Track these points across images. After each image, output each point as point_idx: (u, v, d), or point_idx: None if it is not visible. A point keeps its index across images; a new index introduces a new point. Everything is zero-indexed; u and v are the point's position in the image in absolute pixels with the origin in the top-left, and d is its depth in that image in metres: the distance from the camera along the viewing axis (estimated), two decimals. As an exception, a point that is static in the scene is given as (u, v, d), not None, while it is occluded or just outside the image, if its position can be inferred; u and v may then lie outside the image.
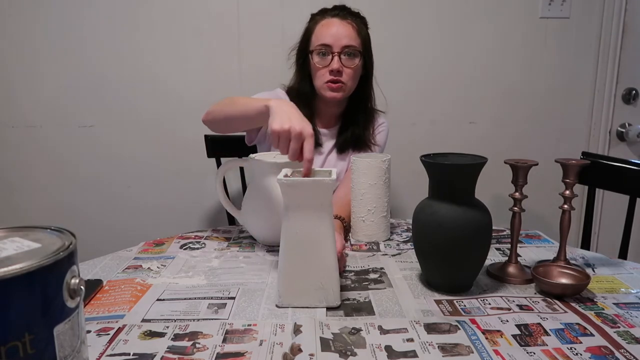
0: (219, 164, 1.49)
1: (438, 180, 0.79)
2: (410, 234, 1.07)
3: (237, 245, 1.05)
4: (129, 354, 0.62)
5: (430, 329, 0.68)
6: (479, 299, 0.78)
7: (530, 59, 1.76)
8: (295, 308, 0.75)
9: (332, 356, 0.61)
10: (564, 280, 0.81)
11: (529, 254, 0.99)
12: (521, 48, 1.75)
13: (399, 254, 0.99)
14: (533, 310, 0.74)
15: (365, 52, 1.24)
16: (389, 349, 0.63)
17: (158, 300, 0.78)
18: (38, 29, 1.58)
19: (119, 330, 0.68)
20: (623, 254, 1.21)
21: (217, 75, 1.67)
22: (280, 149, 0.83)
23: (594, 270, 0.91)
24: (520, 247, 1.01)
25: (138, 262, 0.94)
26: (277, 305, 0.76)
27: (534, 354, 0.62)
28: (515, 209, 0.87)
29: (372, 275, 0.88)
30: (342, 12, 1.23)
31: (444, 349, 0.63)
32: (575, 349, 0.63)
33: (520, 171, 0.85)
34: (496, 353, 0.62)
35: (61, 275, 0.40)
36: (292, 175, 0.78)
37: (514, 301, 0.77)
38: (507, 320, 0.71)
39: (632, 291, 0.81)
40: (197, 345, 0.64)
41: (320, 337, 0.65)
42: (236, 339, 0.66)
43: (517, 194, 0.86)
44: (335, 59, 1.18)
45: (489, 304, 0.76)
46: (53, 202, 1.71)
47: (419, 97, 1.76)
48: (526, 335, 0.66)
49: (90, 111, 1.66)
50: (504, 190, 1.02)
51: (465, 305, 0.76)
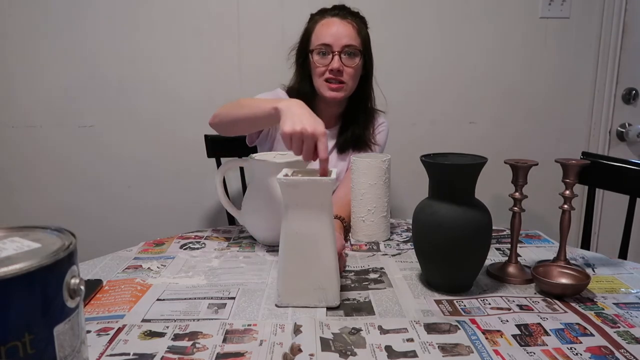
0: (219, 164, 1.49)
1: (438, 180, 0.79)
2: (410, 234, 1.07)
3: (237, 245, 1.05)
4: (129, 354, 0.62)
5: (430, 329, 0.68)
6: (479, 299, 0.78)
7: (530, 59, 1.76)
8: (296, 308, 0.75)
9: (332, 356, 0.61)
10: (564, 280, 0.81)
11: (529, 254, 0.99)
12: (521, 48, 1.75)
13: (399, 254, 0.99)
14: (533, 310, 0.74)
15: (365, 52, 1.23)
16: (389, 349, 0.63)
17: (158, 300, 0.78)
18: (38, 29, 1.58)
19: (119, 330, 0.68)
20: (623, 254, 1.21)
21: (217, 75, 1.67)
22: (294, 151, 0.82)
23: (594, 270, 0.91)
24: (520, 247, 1.01)
25: (138, 262, 0.94)
26: (277, 305, 0.76)
27: (534, 354, 0.62)
28: (515, 209, 0.87)
29: (372, 275, 0.88)
30: (342, 12, 1.23)
31: (444, 349, 0.63)
32: (575, 349, 0.63)
33: (520, 171, 0.85)
34: (496, 353, 0.62)
35: (61, 275, 0.40)
36: (292, 175, 0.78)
37: (514, 301, 0.77)
38: (507, 320, 0.71)
39: (632, 291, 0.81)
40: (197, 345, 0.64)
41: (320, 337, 0.65)
42: (236, 339, 0.66)
43: (517, 194, 0.86)
44: (336, 58, 1.18)
45: (489, 304, 0.76)
46: (53, 202, 1.71)
47: (419, 97, 1.76)
48: (526, 335, 0.66)
49: (90, 111, 1.66)
50: (504, 190, 1.02)
51: (465, 305, 0.76)
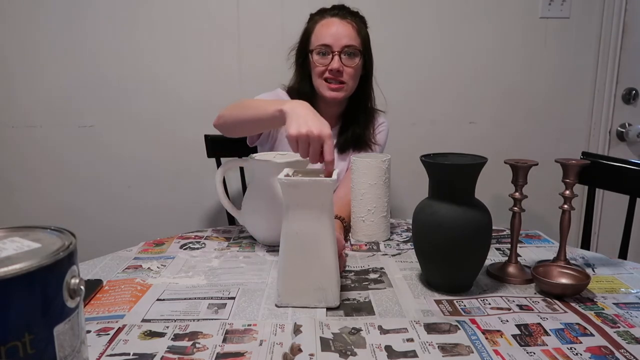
0: (219, 164, 1.49)
1: (438, 180, 0.79)
2: (410, 234, 1.07)
3: (237, 245, 1.05)
4: (129, 354, 0.62)
5: (430, 329, 0.68)
6: (479, 299, 0.78)
7: (530, 59, 1.76)
8: (296, 308, 0.75)
9: (332, 356, 0.61)
10: (564, 280, 0.81)
11: (529, 254, 0.99)
12: (521, 48, 1.75)
13: (399, 254, 0.99)
14: (533, 310, 0.74)
15: (365, 52, 1.23)
16: (389, 349, 0.63)
17: (158, 300, 0.78)
18: (38, 28, 1.58)
19: (119, 330, 0.68)
20: (623, 254, 1.21)
21: (217, 76, 1.67)
22: (300, 153, 0.82)
23: (594, 270, 0.91)
24: (520, 247, 1.01)
25: (138, 262, 0.94)
26: (276, 305, 0.76)
27: (534, 354, 0.62)
28: (515, 209, 0.87)
29: (372, 275, 0.88)
30: (342, 12, 1.23)
31: (444, 349, 0.63)
32: (575, 349, 0.63)
33: (520, 171, 0.85)
34: (496, 353, 0.62)
35: (61, 275, 0.40)
36: (293, 175, 0.78)
37: (514, 301, 0.77)
38: (507, 320, 0.71)
39: (632, 291, 0.81)
40: (197, 345, 0.64)
41: (320, 337, 0.65)
42: (236, 339, 0.66)
43: (517, 194, 0.86)
44: (336, 58, 1.18)
45: (489, 304, 0.76)
46: (53, 202, 1.71)
47: (419, 97, 1.76)
48: (526, 335, 0.66)
49: (90, 111, 1.66)
50: (504, 190, 1.02)
51: (465, 305, 0.76)
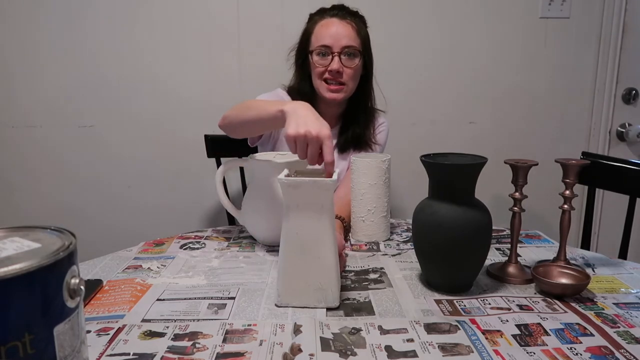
0: (219, 164, 1.49)
1: (438, 180, 0.79)
2: (410, 234, 1.07)
3: (237, 245, 1.05)
4: (129, 354, 0.62)
5: (430, 329, 0.68)
6: (479, 299, 0.78)
7: (530, 59, 1.76)
8: (295, 308, 0.75)
9: (332, 356, 0.61)
10: (564, 280, 0.81)
11: (529, 254, 0.99)
12: (521, 48, 1.75)
13: (399, 254, 0.99)
14: (533, 310, 0.74)
15: (365, 52, 1.23)
16: (389, 349, 0.63)
17: (158, 300, 0.78)
18: (38, 28, 1.58)
19: (119, 330, 0.68)
20: (623, 254, 1.21)
21: (217, 75, 1.67)
22: (299, 154, 0.81)
23: (594, 270, 0.91)
24: (520, 247, 1.01)
25: (138, 262, 0.94)
26: (276, 305, 0.76)
27: (534, 354, 0.62)
28: (515, 209, 0.87)
29: (372, 275, 0.88)
30: (341, 12, 1.22)
31: (444, 348, 0.63)
32: (575, 349, 0.63)
33: (520, 171, 0.85)
34: (496, 353, 0.62)
35: (61, 275, 0.40)
36: (294, 175, 0.78)
37: (514, 301, 0.77)
38: (507, 320, 0.71)
39: (632, 291, 0.81)
40: (197, 345, 0.64)
41: (321, 337, 0.65)
42: (236, 339, 0.66)
43: (517, 194, 0.86)
44: (335, 59, 1.18)
45: (489, 304, 0.76)
46: (53, 202, 1.71)
47: (419, 97, 1.76)
48: (526, 335, 0.66)
49: (90, 111, 1.66)
50: (504, 190, 1.02)
51: (465, 305, 0.76)
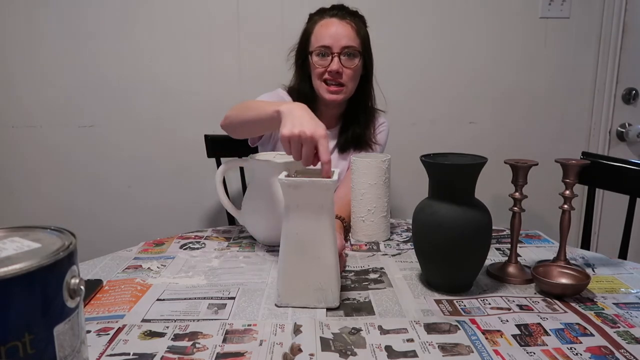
0: (219, 164, 1.49)
1: (438, 180, 0.79)
2: (410, 234, 1.07)
3: (237, 245, 1.05)
4: (129, 354, 0.62)
5: (430, 329, 0.68)
6: (479, 299, 0.78)
7: (530, 59, 1.76)
8: (295, 308, 0.75)
9: (332, 356, 0.61)
10: (564, 280, 0.81)
11: (529, 254, 0.99)
12: (521, 48, 1.75)
13: (399, 254, 0.99)
14: (533, 310, 0.74)
15: (365, 52, 1.23)
16: (389, 349, 0.63)
17: (158, 300, 0.78)
18: (38, 29, 1.58)
19: (119, 330, 0.68)
20: (623, 254, 1.21)
21: (217, 76, 1.67)
22: (293, 155, 0.79)
23: (594, 270, 0.91)
24: (520, 247, 1.01)
25: (138, 262, 0.94)
26: (276, 305, 0.76)
27: (534, 354, 0.62)
28: (515, 209, 0.87)
29: (372, 275, 0.88)
30: (341, 12, 1.22)
31: (444, 348, 0.63)
32: (575, 349, 0.63)
33: (520, 171, 0.85)
34: (496, 353, 0.62)
35: (61, 275, 0.40)
36: (294, 175, 0.78)
37: (514, 301, 0.77)
38: (507, 320, 0.71)
39: (632, 291, 0.81)
40: (197, 345, 0.64)
41: (320, 337, 0.65)
42: (236, 339, 0.66)
43: (517, 194, 0.86)
44: (335, 60, 1.18)
45: (489, 304, 0.76)
46: (53, 202, 1.71)
47: (419, 97, 1.76)
48: (526, 335, 0.66)
49: (90, 111, 1.66)
50: (504, 190, 1.02)
51: (465, 305, 0.76)
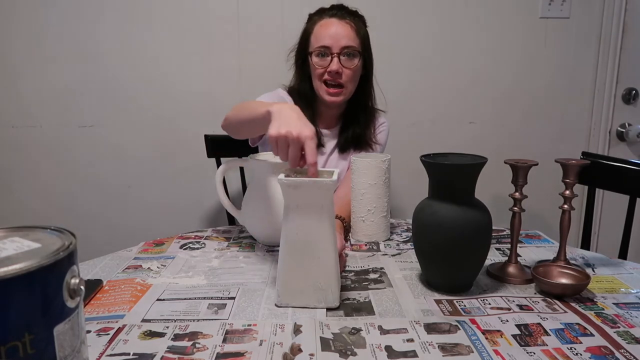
0: (219, 164, 1.49)
1: (438, 180, 0.79)
2: (410, 234, 1.07)
3: (237, 245, 1.05)
4: (129, 354, 0.62)
5: (430, 329, 0.68)
6: (479, 299, 0.78)
7: (530, 59, 1.76)
8: (295, 308, 0.75)
9: (332, 356, 0.61)
10: (564, 280, 0.81)
11: (529, 254, 0.99)
12: (521, 48, 1.75)
13: (399, 254, 0.99)
14: (533, 310, 0.74)
15: (365, 52, 1.23)
16: (389, 349, 0.63)
17: (158, 300, 0.78)
18: (39, 29, 1.58)
19: (119, 330, 0.68)
20: (623, 254, 1.21)
21: (217, 75, 1.67)
22: (280, 156, 0.79)
23: (594, 270, 0.91)
24: (520, 247, 1.01)
25: (138, 262, 0.94)
26: (276, 305, 0.76)
27: (534, 354, 0.62)
28: (515, 209, 0.87)
29: (372, 275, 0.88)
30: (341, 12, 1.22)
31: (444, 348, 0.63)
32: (575, 349, 0.63)
33: (520, 171, 0.85)
34: (496, 353, 0.62)
35: (61, 275, 0.40)
36: (294, 175, 0.78)
37: (514, 301, 0.77)
38: (507, 320, 0.71)
39: (632, 291, 0.81)
40: (197, 345, 0.64)
41: (321, 337, 0.65)
42: (236, 339, 0.66)
43: (517, 194, 0.86)
44: (335, 60, 1.17)
45: (489, 304, 0.76)
46: (53, 202, 1.71)
47: (419, 97, 1.76)
48: (526, 335, 0.66)
49: (91, 111, 1.66)
50: (504, 190, 1.02)
51: (465, 305, 0.76)
